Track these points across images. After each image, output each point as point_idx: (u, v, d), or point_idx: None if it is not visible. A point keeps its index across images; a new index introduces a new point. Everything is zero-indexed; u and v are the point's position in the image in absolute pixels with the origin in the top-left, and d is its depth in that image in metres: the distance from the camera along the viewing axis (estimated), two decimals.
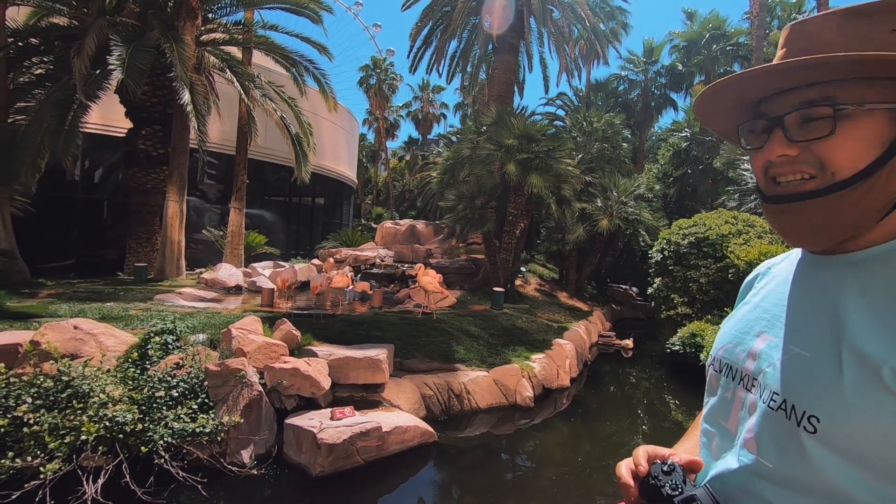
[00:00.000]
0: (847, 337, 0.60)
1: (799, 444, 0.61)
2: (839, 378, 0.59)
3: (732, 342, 0.78)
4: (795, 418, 0.61)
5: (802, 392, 0.62)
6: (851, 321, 0.61)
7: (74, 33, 9.80)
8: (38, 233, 11.37)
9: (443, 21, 16.74)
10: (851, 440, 0.57)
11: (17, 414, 3.72)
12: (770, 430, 0.65)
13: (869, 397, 0.56)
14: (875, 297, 0.61)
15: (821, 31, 0.65)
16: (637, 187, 13.58)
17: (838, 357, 0.60)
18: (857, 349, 0.59)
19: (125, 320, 6.20)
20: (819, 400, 0.60)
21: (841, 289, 0.64)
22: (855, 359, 0.58)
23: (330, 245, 17.00)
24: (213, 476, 4.04)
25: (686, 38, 23.22)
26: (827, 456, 0.59)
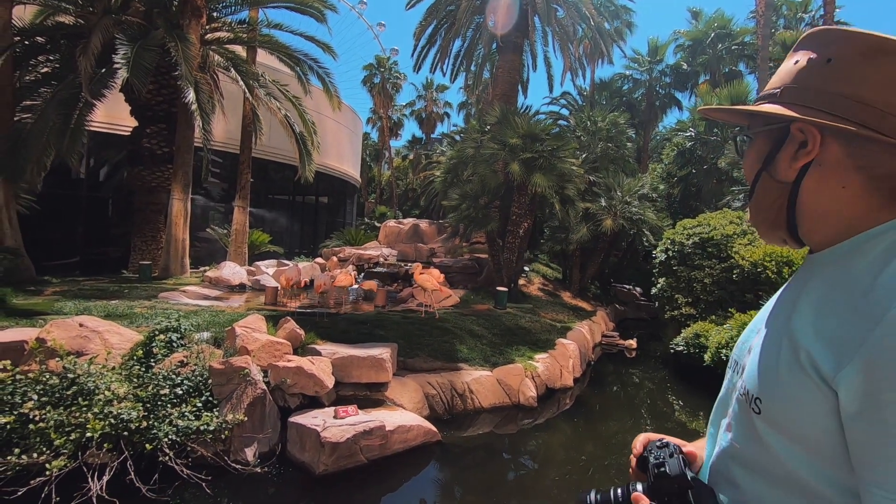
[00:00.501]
0: (789, 326, 0.68)
1: (752, 424, 0.69)
2: (776, 362, 0.66)
3: (742, 340, 0.84)
4: (747, 401, 0.70)
5: (753, 376, 0.70)
6: (795, 312, 0.69)
7: (80, 32, 9.84)
8: (43, 230, 11.44)
9: (447, 20, 16.72)
10: (787, 420, 0.64)
11: (24, 411, 3.75)
12: (738, 413, 0.74)
13: (794, 378, 0.63)
14: (813, 290, 0.68)
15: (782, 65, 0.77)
16: (641, 187, 13.54)
17: (778, 343, 0.68)
18: (791, 336, 0.66)
19: (130, 318, 6.23)
20: (761, 382, 0.68)
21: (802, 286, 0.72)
22: (789, 345, 0.65)
23: (333, 244, 17.02)
24: (217, 474, 4.06)
25: (691, 38, 23.10)
26: (773, 435, 0.66)
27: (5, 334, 4.92)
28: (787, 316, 0.70)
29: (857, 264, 0.64)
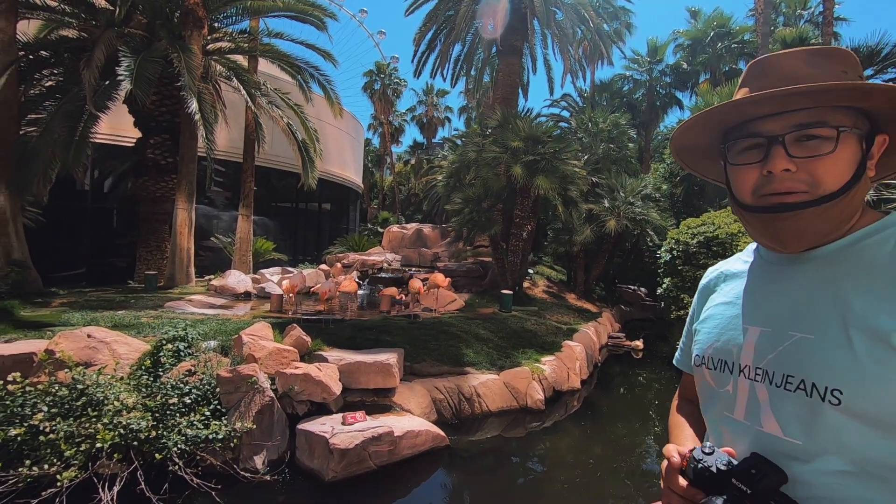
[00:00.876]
0: (852, 317, 0.69)
1: (824, 417, 0.68)
2: (852, 353, 0.67)
3: (720, 339, 0.85)
4: (818, 395, 0.69)
5: (819, 370, 0.69)
6: (852, 302, 0.70)
7: (84, 45, 9.94)
8: (49, 242, 11.51)
9: (446, 25, 16.80)
10: (874, 406, 0.65)
11: (34, 422, 3.76)
12: (791, 410, 0.72)
13: (882, 365, 0.65)
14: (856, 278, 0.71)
15: (795, 66, 0.77)
16: (644, 187, 13.51)
17: (845, 335, 0.68)
18: (864, 325, 0.67)
19: (137, 328, 6.26)
20: (839, 374, 0.67)
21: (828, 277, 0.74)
22: (864, 334, 0.67)
23: (337, 250, 17.05)
24: (226, 482, 4.06)
25: (690, 37, 23.11)
26: (853, 424, 0.66)
27: (14, 346, 4.95)
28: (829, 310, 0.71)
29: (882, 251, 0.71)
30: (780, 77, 0.76)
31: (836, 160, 0.72)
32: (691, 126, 0.86)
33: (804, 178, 0.73)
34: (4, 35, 8.35)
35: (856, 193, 0.73)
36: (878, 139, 0.76)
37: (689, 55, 23.30)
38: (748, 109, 0.77)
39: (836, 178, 0.72)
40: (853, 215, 0.76)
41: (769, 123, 0.76)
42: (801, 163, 0.73)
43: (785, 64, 0.77)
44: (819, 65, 0.75)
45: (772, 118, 0.76)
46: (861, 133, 0.73)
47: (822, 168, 0.72)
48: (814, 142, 0.73)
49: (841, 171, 0.72)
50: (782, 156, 0.74)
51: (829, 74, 0.74)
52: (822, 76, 0.74)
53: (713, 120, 0.83)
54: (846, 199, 0.73)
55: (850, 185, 0.72)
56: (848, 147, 0.73)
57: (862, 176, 0.73)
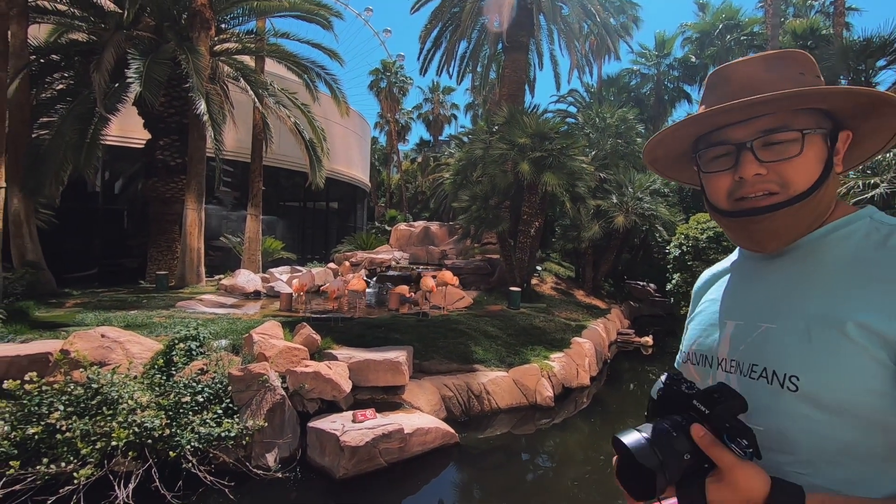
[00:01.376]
0: (812, 307, 0.72)
1: (784, 404, 0.71)
2: (809, 341, 0.70)
3: (702, 336, 0.89)
4: (778, 381, 0.72)
5: (778, 357, 0.73)
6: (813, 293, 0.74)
7: (93, 48, 10.04)
8: (62, 244, 11.66)
9: (452, 22, 16.75)
10: (828, 392, 0.68)
11: (50, 421, 3.83)
12: (757, 398, 0.73)
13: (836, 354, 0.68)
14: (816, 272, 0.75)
15: (753, 73, 0.79)
16: (652, 182, 13.41)
17: (805, 324, 0.72)
18: (822, 315, 0.71)
19: (149, 327, 6.33)
20: (796, 361, 0.71)
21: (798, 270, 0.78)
22: (821, 323, 0.70)
23: (345, 249, 17.11)
24: (239, 479, 4.11)
25: (699, 30, 22.86)
26: (810, 411, 0.69)
27: (30, 346, 5.04)
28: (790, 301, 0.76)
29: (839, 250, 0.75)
30: (740, 85, 0.79)
31: (804, 161, 0.75)
32: (661, 140, 0.89)
33: (775, 179, 0.76)
34: (16, 39, 8.45)
35: (826, 189, 0.76)
36: (842, 135, 0.79)
37: (698, 48, 23.05)
38: (715, 120, 0.80)
39: (806, 178, 0.75)
40: (826, 210, 0.78)
41: (736, 131, 0.78)
42: (770, 166, 0.76)
43: (744, 71, 0.80)
44: (776, 69, 0.78)
45: (738, 125, 0.78)
46: (825, 132, 0.77)
47: (791, 170, 0.75)
48: (780, 145, 0.76)
49: (809, 171, 0.76)
50: (752, 161, 0.77)
51: (786, 78, 0.77)
52: (780, 80, 0.77)
53: (682, 133, 0.86)
54: (817, 196, 0.75)
55: (819, 183, 0.75)
56: (813, 147, 0.76)
57: (830, 172, 0.77)
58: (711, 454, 0.65)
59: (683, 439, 0.66)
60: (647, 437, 0.67)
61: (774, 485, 0.65)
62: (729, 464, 0.64)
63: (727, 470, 0.64)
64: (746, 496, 0.64)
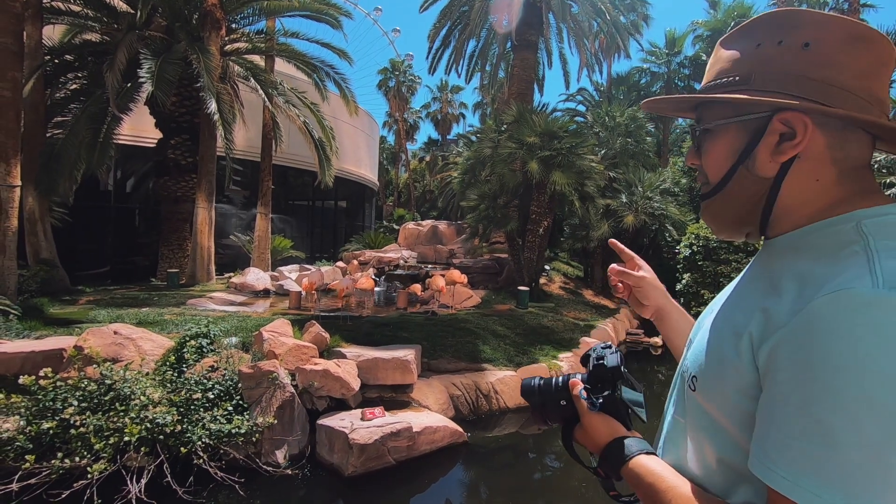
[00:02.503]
0: (733, 311, 0.70)
1: (691, 402, 0.73)
2: (719, 344, 0.68)
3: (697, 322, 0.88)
4: (686, 378, 0.74)
5: (695, 355, 0.74)
6: (741, 297, 0.71)
7: (106, 48, 10.15)
8: (75, 242, 11.82)
9: (461, 21, 16.74)
10: (711, 400, 0.67)
11: (65, 416, 3.89)
12: (679, 389, 0.79)
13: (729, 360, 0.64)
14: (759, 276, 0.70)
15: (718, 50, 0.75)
16: (662, 182, 13.32)
17: (721, 328, 0.70)
18: (734, 320, 0.67)
19: (161, 325, 6.40)
20: (700, 362, 0.71)
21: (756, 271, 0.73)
22: (732, 328, 0.66)
23: (353, 247, 17.17)
24: (249, 476, 4.15)
25: (710, 28, 22.60)
26: (704, 413, 0.69)
27: (45, 343, 5.12)
28: (735, 301, 0.73)
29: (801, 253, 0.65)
30: (710, 65, 0.75)
31: (711, 154, 0.72)
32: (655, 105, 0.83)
33: (703, 171, 0.75)
34: (31, 40, 8.57)
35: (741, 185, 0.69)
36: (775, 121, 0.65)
37: (709, 46, 22.75)
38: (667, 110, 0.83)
39: (715, 171, 0.72)
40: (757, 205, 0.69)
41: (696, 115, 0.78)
42: (699, 157, 0.75)
43: (718, 49, 0.75)
44: (733, 44, 0.72)
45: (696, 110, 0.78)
46: (748, 118, 0.67)
47: (705, 162, 0.74)
48: (701, 135, 0.74)
49: (718, 164, 0.71)
50: (692, 152, 0.77)
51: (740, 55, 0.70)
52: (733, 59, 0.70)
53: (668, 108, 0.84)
54: (729, 191, 0.70)
55: (726, 178, 0.70)
56: (722, 139, 0.70)
57: (741, 164, 0.68)
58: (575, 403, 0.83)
59: (565, 390, 0.85)
60: (539, 383, 0.87)
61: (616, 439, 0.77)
62: (581, 411, 0.81)
63: (581, 416, 0.82)
64: (592, 439, 0.80)
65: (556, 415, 0.85)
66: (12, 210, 7.16)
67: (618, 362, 0.82)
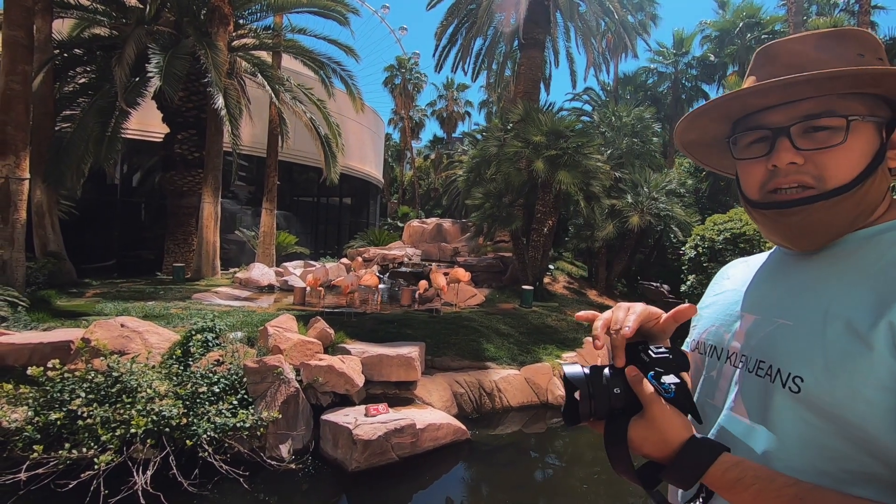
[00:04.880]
0: (836, 307, 0.65)
1: (783, 405, 0.66)
2: (823, 341, 0.64)
3: (716, 325, 0.83)
4: (780, 381, 0.67)
5: (786, 355, 0.67)
6: (843, 294, 0.66)
7: (115, 43, 10.21)
8: (82, 235, 11.90)
9: (468, 19, 16.70)
10: (830, 398, 0.61)
11: (72, 408, 3.92)
12: (757, 395, 0.70)
13: (849, 357, 0.61)
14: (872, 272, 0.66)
15: (802, 51, 0.71)
16: (668, 182, 13.26)
17: (822, 324, 0.65)
18: (844, 316, 0.63)
19: (167, 318, 6.44)
20: (803, 361, 0.65)
21: (833, 270, 0.70)
22: (840, 325, 0.63)
23: (358, 244, 17.20)
24: (253, 469, 4.17)
25: (718, 28, 22.51)
26: (808, 415, 0.64)
27: (53, 335, 5.17)
28: (813, 300, 0.68)
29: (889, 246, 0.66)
30: (785, 64, 0.71)
31: (847, 151, 0.67)
32: (694, 120, 0.81)
33: (811, 170, 0.69)
34: (40, 34, 8.62)
35: (872, 185, 0.68)
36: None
37: (717, 47, 22.70)
38: (751, 101, 0.73)
39: (848, 171, 0.67)
40: (872, 209, 0.70)
41: (774, 114, 0.71)
42: (808, 155, 0.68)
43: (792, 50, 0.72)
44: (829, 49, 0.70)
45: (777, 109, 0.71)
46: (880, 121, 0.68)
47: (831, 160, 0.68)
48: (823, 133, 0.68)
49: (852, 163, 0.67)
50: (788, 148, 0.69)
51: (841, 59, 0.68)
52: (833, 61, 0.68)
53: (717, 113, 0.78)
54: (859, 192, 0.68)
55: (862, 177, 0.67)
56: (860, 136, 0.67)
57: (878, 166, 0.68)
58: (636, 389, 0.66)
59: (617, 378, 0.69)
60: (586, 372, 0.71)
61: (693, 438, 0.65)
62: (649, 398, 0.65)
63: (647, 404, 0.65)
64: (661, 435, 0.65)
65: (604, 408, 0.69)
66: (21, 202, 7.21)
67: (683, 354, 0.69)
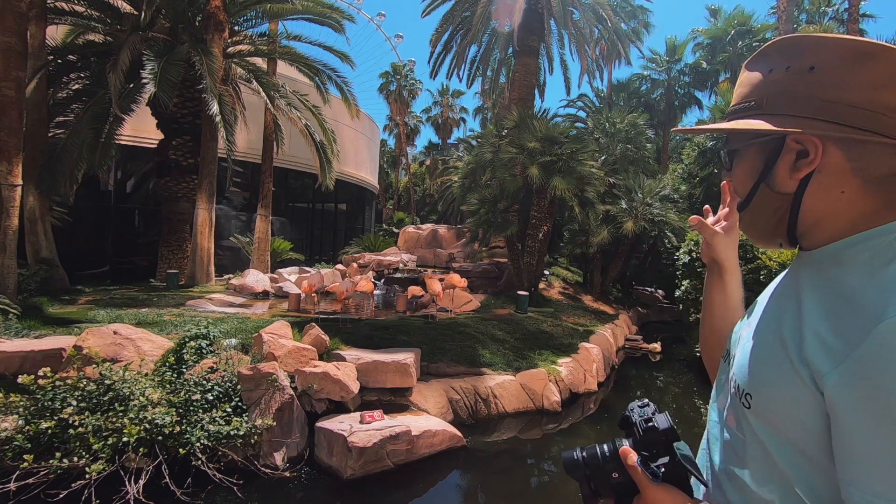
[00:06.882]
0: (780, 323, 0.69)
1: (744, 418, 0.70)
2: (768, 359, 0.68)
3: (734, 330, 0.87)
4: (739, 395, 0.71)
5: (743, 371, 0.72)
6: (786, 310, 0.69)
7: (109, 49, 10.19)
8: (75, 241, 11.81)
9: (463, 26, 16.82)
10: (776, 418, 0.65)
11: (63, 416, 3.88)
12: (734, 407, 0.74)
13: (783, 376, 0.64)
14: (804, 288, 0.69)
15: (748, 74, 0.76)
16: (662, 188, 13.36)
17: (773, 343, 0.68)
18: (781, 333, 0.67)
19: (160, 325, 6.39)
20: (751, 378, 0.69)
21: (795, 282, 0.73)
22: (780, 342, 0.66)
23: (353, 250, 17.19)
24: (247, 478, 4.14)
25: (710, 36, 22.78)
26: (765, 430, 0.67)
27: (44, 342, 5.11)
28: (778, 313, 0.71)
29: (844, 269, 0.65)
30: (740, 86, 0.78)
31: (738, 172, 0.77)
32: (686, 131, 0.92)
33: (735, 187, 0.80)
34: (34, 40, 8.59)
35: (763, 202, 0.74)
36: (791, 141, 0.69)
37: (709, 54, 22.96)
38: None
39: (741, 189, 0.77)
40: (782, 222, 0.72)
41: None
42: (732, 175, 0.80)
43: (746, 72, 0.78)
44: (760, 68, 0.74)
45: None
46: (762, 141, 0.72)
47: (734, 180, 0.79)
48: (733, 156, 0.78)
49: (741, 183, 0.76)
50: (727, 169, 0.81)
51: (753, 82, 0.74)
52: (746, 87, 0.75)
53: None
54: (754, 208, 0.75)
55: (749, 197, 0.75)
56: (743, 162, 0.76)
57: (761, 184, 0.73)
58: (631, 474, 0.73)
59: (615, 460, 0.75)
60: (582, 455, 0.78)
61: None
62: (642, 484, 0.72)
63: (643, 489, 0.72)
64: None
65: (607, 490, 0.76)
66: (13, 209, 7.16)
67: (670, 423, 0.74)
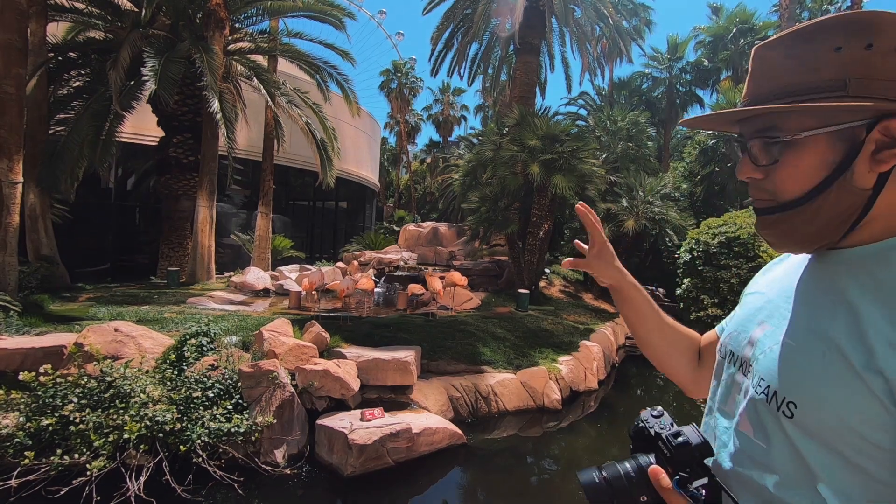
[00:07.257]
0: (834, 329, 0.63)
1: (780, 428, 0.65)
2: (819, 367, 0.63)
3: (737, 330, 0.82)
4: (776, 402, 0.66)
5: (782, 378, 0.66)
6: (842, 314, 0.64)
7: (110, 46, 10.17)
8: (75, 239, 11.81)
9: (464, 24, 16.77)
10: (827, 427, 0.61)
11: (64, 413, 3.89)
12: (758, 414, 0.69)
13: (844, 385, 0.60)
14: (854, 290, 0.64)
15: (775, 59, 0.68)
16: (663, 186, 13.35)
17: (822, 349, 0.63)
18: (835, 340, 0.62)
19: (161, 323, 6.40)
20: (797, 385, 0.64)
21: (835, 284, 0.67)
22: (836, 351, 0.61)
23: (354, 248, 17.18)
24: (248, 475, 4.14)
25: (712, 34, 22.72)
26: (804, 440, 0.63)
27: (45, 339, 5.12)
28: (819, 318, 0.66)
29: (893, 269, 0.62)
30: (761, 73, 0.70)
31: (793, 167, 0.66)
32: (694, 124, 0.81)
33: (767, 185, 0.69)
34: (35, 37, 8.58)
35: (830, 202, 0.65)
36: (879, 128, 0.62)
37: (711, 52, 22.90)
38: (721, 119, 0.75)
39: (797, 186, 0.66)
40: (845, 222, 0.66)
41: (745, 125, 0.72)
42: (766, 170, 0.69)
43: (766, 56, 0.70)
44: (797, 53, 0.66)
45: (745, 121, 0.72)
46: (837, 128, 0.63)
47: (778, 175, 0.68)
48: (774, 147, 0.67)
49: (801, 178, 0.66)
50: (747, 163, 0.71)
51: (809, 61, 0.64)
52: (799, 68, 0.65)
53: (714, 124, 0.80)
54: (812, 208, 0.66)
55: (816, 192, 0.65)
56: (809, 150, 0.65)
57: (838, 178, 0.64)
58: (667, 499, 0.65)
59: (643, 482, 0.67)
60: (604, 476, 0.69)
61: None
62: None
63: None
64: None
65: None
66: (14, 206, 7.16)
67: (701, 436, 0.67)
